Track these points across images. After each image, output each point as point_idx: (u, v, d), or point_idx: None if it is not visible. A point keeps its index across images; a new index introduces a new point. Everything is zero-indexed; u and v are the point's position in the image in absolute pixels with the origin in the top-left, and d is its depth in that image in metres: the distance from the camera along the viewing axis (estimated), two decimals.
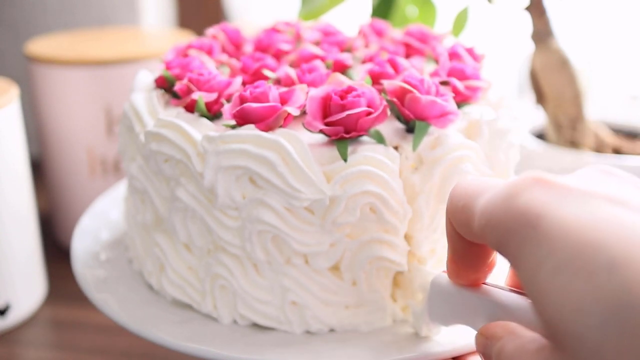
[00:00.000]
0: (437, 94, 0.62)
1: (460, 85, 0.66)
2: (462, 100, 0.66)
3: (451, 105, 0.61)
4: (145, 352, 0.89)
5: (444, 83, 0.67)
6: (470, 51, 0.76)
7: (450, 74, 0.68)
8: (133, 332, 0.63)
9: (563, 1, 1.07)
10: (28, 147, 1.27)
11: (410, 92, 0.60)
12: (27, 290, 0.95)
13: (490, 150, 0.65)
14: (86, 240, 0.78)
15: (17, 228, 0.92)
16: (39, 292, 0.98)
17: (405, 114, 0.61)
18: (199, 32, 1.33)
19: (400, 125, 0.63)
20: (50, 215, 1.17)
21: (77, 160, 1.07)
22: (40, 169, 1.18)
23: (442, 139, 0.61)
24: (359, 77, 0.70)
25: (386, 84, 0.62)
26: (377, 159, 0.58)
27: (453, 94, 0.64)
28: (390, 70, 0.67)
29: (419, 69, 0.71)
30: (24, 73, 1.39)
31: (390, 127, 0.62)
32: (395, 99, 0.61)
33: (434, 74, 0.69)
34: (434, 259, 0.64)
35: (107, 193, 0.89)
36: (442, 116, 0.61)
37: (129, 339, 0.91)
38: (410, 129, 0.62)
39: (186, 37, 1.17)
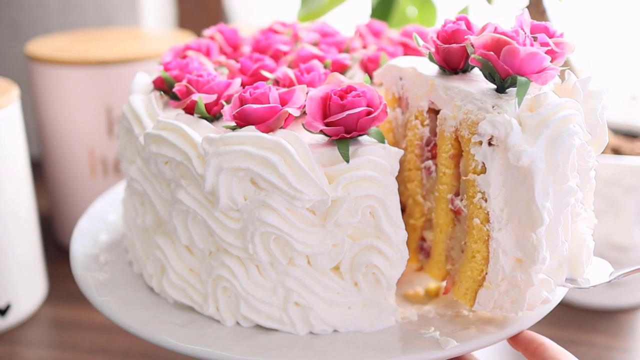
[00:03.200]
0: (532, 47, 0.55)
1: (550, 41, 0.58)
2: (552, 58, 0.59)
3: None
4: (145, 352, 0.89)
5: None
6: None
7: (534, 30, 0.60)
8: (137, 335, 0.63)
9: (563, 1, 1.07)
10: (28, 147, 1.27)
11: (508, 43, 0.54)
12: (28, 290, 0.95)
13: (586, 113, 0.59)
14: (85, 242, 0.78)
15: (17, 228, 0.92)
16: (39, 292, 0.98)
17: (503, 69, 0.55)
18: (199, 33, 1.34)
19: (487, 86, 0.59)
20: (51, 216, 1.17)
21: (78, 161, 1.07)
22: (40, 169, 1.18)
23: (541, 98, 0.56)
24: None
25: (473, 38, 0.57)
26: (379, 163, 0.59)
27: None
28: (464, 28, 0.62)
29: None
30: (24, 73, 1.39)
31: (475, 88, 0.59)
32: (491, 53, 0.55)
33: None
34: None
35: (105, 195, 0.89)
36: (541, 71, 0.56)
37: (129, 338, 0.91)
38: (501, 89, 0.57)
39: (186, 38, 1.17)
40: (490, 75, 0.57)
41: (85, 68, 1.02)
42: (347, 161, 0.58)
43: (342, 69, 0.74)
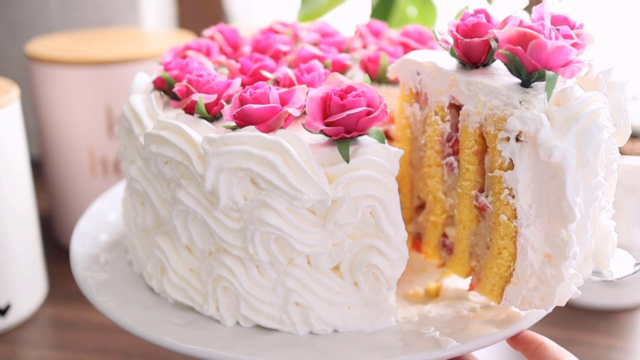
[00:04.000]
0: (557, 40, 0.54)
1: (572, 33, 0.57)
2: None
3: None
4: (145, 351, 0.89)
5: None
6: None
7: (554, 22, 0.59)
8: (137, 335, 0.63)
9: (563, 1, 1.07)
10: (28, 147, 1.27)
11: (535, 37, 0.53)
12: (28, 290, 0.95)
13: (610, 104, 0.58)
14: (85, 242, 0.78)
15: (17, 228, 0.92)
16: (39, 292, 0.98)
17: (530, 64, 0.54)
18: (199, 33, 1.34)
19: (511, 80, 0.58)
20: (51, 215, 1.17)
21: (78, 160, 1.08)
22: (40, 169, 1.18)
23: (568, 92, 0.55)
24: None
25: (497, 32, 0.56)
26: (379, 163, 0.59)
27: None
28: (484, 21, 0.61)
29: None
30: (24, 73, 1.39)
31: (499, 82, 0.58)
32: (518, 47, 0.54)
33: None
34: None
35: (104, 195, 0.89)
36: (567, 64, 0.55)
37: (129, 338, 0.91)
38: (526, 83, 0.57)
39: (186, 38, 1.17)
40: (516, 70, 0.56)
41: (85, 68, 1.02)
42: (347, 161, 0.58)
43: (342, 69, 0.74)
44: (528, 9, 1.01)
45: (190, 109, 0.65)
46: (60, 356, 0.89)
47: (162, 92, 0.72)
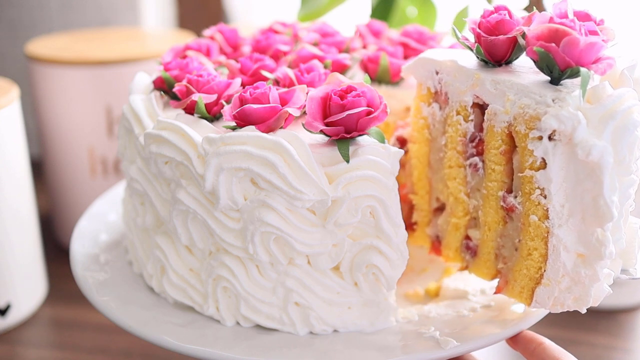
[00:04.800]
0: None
1: (597, 29, 0.56)
2: None
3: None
4: (146, 351, 0.89)
5: None
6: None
7: (578, 19, 0.57)
8: (137, 335, 0.63)
9: None
10: (28, 147, 1.27)
11: (567, 34, 0.53)
12: (28, 290, 0.95)
13: None
14: (85, 242, 0.78)
15: (17, 228, 0.92)
16: (39, 292, 0.98)
17: (563, 61, 0.53)
18: (199, 33, 1.34)
19: (537, 78, 0.57)
20: (51, 216, 1.17)
21: (78, 160, 1.08)
22: (40, 169, 1.18)
23: (599, 90, 0.55)
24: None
25: (526, 29, 0.55)
26: (379, 163, 0.59)
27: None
28: (508, 18, 0.60)
29: None
30: (24, 73, 1.39)
31: (527, 80, 0.57)
32: (552, 44, 0.53)
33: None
34: None
35: (105, 195, 0.89)
36: (598, 61, 0.54)
37: (129, 338, 0.91)
38: (556, 81, 0.56)
39: (186, 38, 1.17)
40: (547, 67, 0.55)
41: (85, 68, 1.02)
42: (347, 161, 0.58)
43: (342, 69, 0.74)
44: (528, 9, 1.01)
45: (190, 109, 0.65)
46: (60, 356, 0.89)
47: (162, 92, 0.72)
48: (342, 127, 0.58)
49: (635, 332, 0.92)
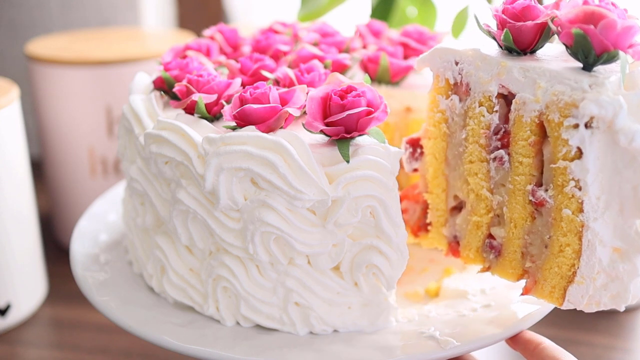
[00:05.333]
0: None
1: (625, 15, 0.54)
2: None
3: None
4: (146, 351, 0.89)
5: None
6: None
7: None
8: (137, 335, 0.63)
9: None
10: (28, 147, 1.27)
11: (604, 16, 0.50)
12: (28, 290, 0.95)
13: None
14: (85, 242, 0.78)
15: (17, 228, 0.92)
16: (39, 292, 0.98)
17: (601, 45, 0.51)
18: (199, 33, 1.34)
19: (567, 64, 0.55)
20: (51, 215, 1.17)
21: (78, 160, 1.08)
22: (40, 169, 1.18)
23: (636, 75, 0.52)
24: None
25: (559, 12, 0.53)
26: (379, 163, 0.59)
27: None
28: (534, 3, 0.58)
29: None
30: (24, 73, 1.39)
31: (558, 67, 0.55)
32: (591, 26, 0.51)
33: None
34: None
35: (105, 195, 0.89)
36: (632, 46, 0.52)
37: (129, 338, 0.91)
38: (589, 67, 0.53)
39: (186, 38, 1.17)
40: (583, 52, 0.53)
41: (85, 68, 1.02)
42: (348, 161, 0.58)
43: (342, 69, 0.74)
44: None
45: (190, 109, 0.65)
46: (60, 356, 0.89)
47: (162, 92, 0.72)
48: (342, 127, 0.58)
49: (635, 332, 0.92)
